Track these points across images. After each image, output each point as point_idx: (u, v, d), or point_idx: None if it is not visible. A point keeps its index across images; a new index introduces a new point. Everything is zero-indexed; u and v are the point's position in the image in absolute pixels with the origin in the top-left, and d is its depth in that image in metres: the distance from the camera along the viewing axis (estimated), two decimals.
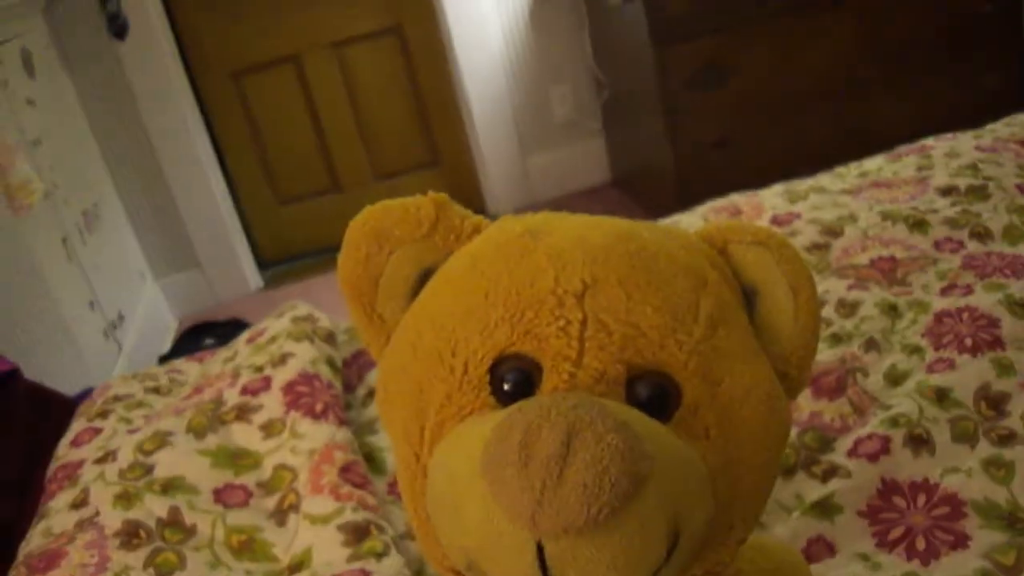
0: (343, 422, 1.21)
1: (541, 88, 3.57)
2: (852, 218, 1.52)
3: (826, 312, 1.30)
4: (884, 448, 1.01)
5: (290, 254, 3.77)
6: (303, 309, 1.44)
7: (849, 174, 1.76)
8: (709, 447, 0.54)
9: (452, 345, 0.57)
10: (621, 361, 0.54)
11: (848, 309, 1.29)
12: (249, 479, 1.15)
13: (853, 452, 1.02)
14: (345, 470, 1.10)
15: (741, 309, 0.60)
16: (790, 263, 0.61)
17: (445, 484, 0.52)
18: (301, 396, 1.23)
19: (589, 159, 3.67)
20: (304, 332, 1.35)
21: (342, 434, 1.18)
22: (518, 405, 0.51)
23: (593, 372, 0.54)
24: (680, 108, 2.95)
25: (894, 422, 1.04)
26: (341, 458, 1.12)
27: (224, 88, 3.54)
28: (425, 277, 0.63)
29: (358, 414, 1.32)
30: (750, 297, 0.61)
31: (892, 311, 1.27)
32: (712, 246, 0.62)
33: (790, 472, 1.02)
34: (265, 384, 1.26)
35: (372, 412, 1.32)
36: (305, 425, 1.19)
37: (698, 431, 0.54)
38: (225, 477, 1.14)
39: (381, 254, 0.63)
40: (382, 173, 3.68)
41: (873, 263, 1.40)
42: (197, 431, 1.20)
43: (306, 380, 1.25)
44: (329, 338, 1.39)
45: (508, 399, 0.55)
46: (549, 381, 0.54)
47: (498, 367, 0.55)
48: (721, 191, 1.76)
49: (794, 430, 1.08)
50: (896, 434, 1.02)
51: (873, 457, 1.01)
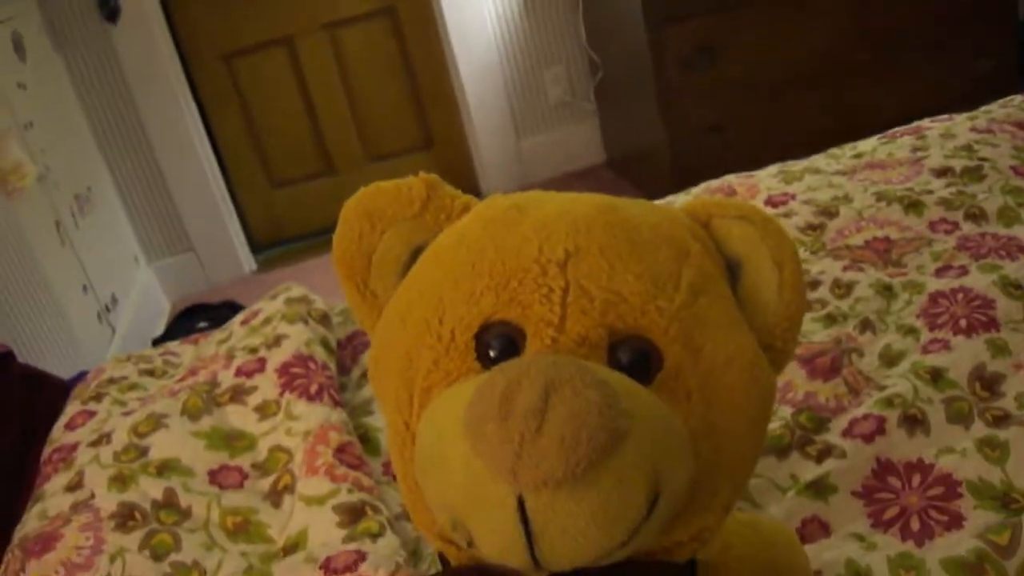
0: (338, 403, 1.21)
1: (535, 69, 3.56)
2: (847, 199, 1.52)
3: (821, 293, 1.30)
4: (879, 428, 1.01)
5: (283, 237, 3.76)
6: (297, 291, 1.44)
7: (843, 155, 1.75)
8: (691, 411, 0.55)
9: (440, 314, 0.58)
10: (603, 326, 0.55)
11: (843, 290, 1.29)
12: (244, 461, 1.15)
13: (848, 432, 1.02)
14: (340, 451, 1.10)
15: (724, 281, 0.61)
16: (774, 238, 0.61)
17: (431, 444, 0.53)
18: (296, 377, 1.22)
19: (583, 140, 3.67)
20: (298, 313, 1.35)
21: (337, 415, 1.17)
22: (500, 365, 0.52)
23: (575, 337, 0.55)
24: (674, 90, 2.94)
25: (889, 403, 1.04)
26: (336, 439, 1.12)
27: (216, 71, 3.52)
28: (416, 255, 0.64)
29: (353, 395, 1.32)
30: (734, 271, 0.62)
31: (887, 292, 1.27)
32: (696, 220, 0.63)
33: (784, 452, 1.02)
34: (260, 365, 1.25)
35: (367, 393, 1.32)
36: (300, 406, 1.18)
37: (679, 395, 0.55)
38: (220, 459, 1.14)
39: (374, 233, 0.64)
40: (375, 155, 3.66)
41: (868, 244, 1.40)
42: (192, 413, 1.20)
43: (301, 361, 1.24)
44: (324, 319, 1.39)
45: (493, 364, 0.56)
46: (532, 346, 0.55)
47: (484, 334, 0.56)
48: (715, 173, 1.75)
49: (788, 410, 1.08)
50: (891, 414, 1.03)
51: (868, 437, 1.01)
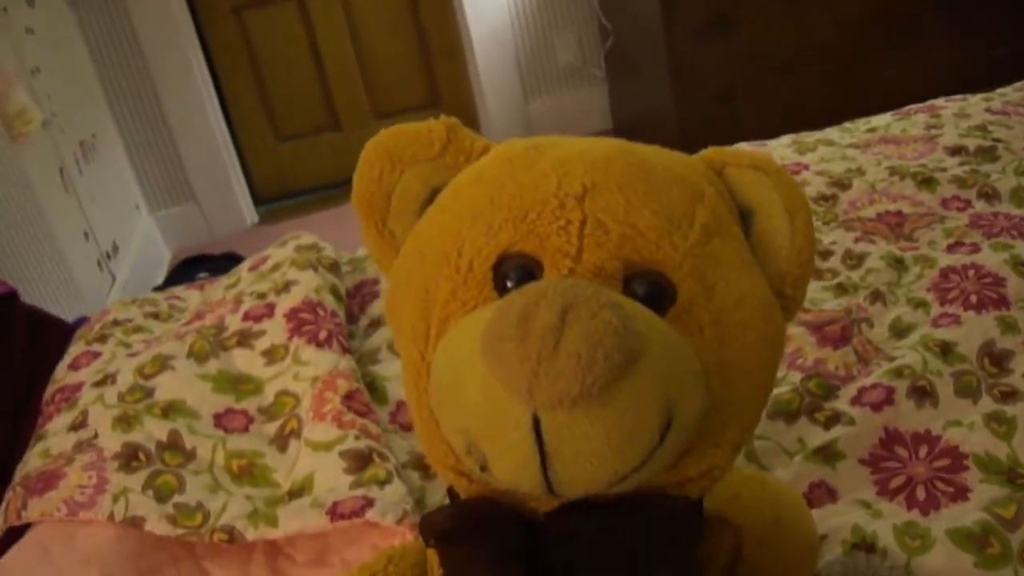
0: (347, 350, 1.20)
1: (546, 33, 3.54)
2: (860, 172, 1.52)
3: (832, 263, 1.31)
4: (888, 398, 1.02)
5: (287, 191, 3.75)
6: (307, 238, 1.43)
7: (857, 129, 1.76)
8: (703, 343, 0.56)
9: (458, 246, 0.58)
10: (618, 258, 0.56)
11: (855, 261, 1.30)
12: (250, 404, 1.15)
13: (857, 400, 1.03)
14: (348, 398, 1.10)
15: (737, 226, 0.61)
16: (786, 187, 0.62)
17: (447, 368, 0.54)
18: (304, 323, 1.22)
19: (591, 106, 3.65)
20: (308, 260, 1.34)
21: (346, 362, 1.17)
22: (519, 288, 0.52)
23: (591, 267, 0.55)
24: (685, 58, 2.92)
25: (898, 373, 1.04)
26: (344, 386, 1.12)
27: (226, 22, 3.50)
28: (434, 195, 0.65)
29: (361, 344, 1.32)
30: (746, 218, 0.62)
31: (898, 264, 1.27)
32: (710, 167, 0.63)
33: (793, 417, 1.03)
34: (268, 310, 1.25)
35: (375, 342, 1.31)
36: (308, 352, 1.18)
37: (692, 328, 0.56)
38: (226, 402, 1.14)
39: (394, 173, 0.65)
40: (382, 112, 3.65)
41: (880, 217, 1.40)
42: (198, 356, 1.19)
43: (310, 307, 1.24)
44: (333, 267, 1.38)
45: None
46: (549, 276, 0.56)
47: (501, 265, 0.57)
48: (723, 143, 1.70)
49: (798, 375, 1.08)
50: (900, 385, 1.03)
51: (876, 406, 1.01)
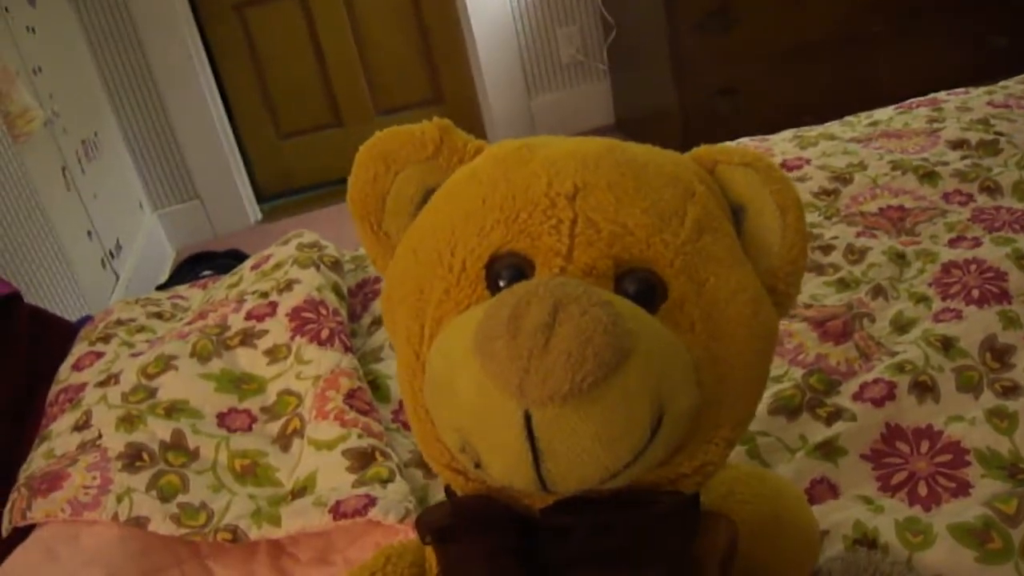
0: (349, 349, 1.20)
1: (548, 27, 3.54)
2: (862, 166, 1.52)
3: (834, 257, 1.31)
4: (889, 394, 1.01)
5: (290, 188, 3.75)
6: (309, 236, 1.43)
7: (859, 123, 1.76)
8: (694, 340, 0.56)
9: (451, 246, 0.59)
10: (609, 256, 0.56)
11: (856, 256, 1.30)
12: (253, 404, 1.14)
13: (858, 396, 1.02)
14: (351, 396, 1.10)
15: (728, 223, 0.62)
16: (778, 183, 0.62)
17: (441, 367, 0.54)
18: (307, 322, 1.22)
19: (594, 101, 3.65)
20: (310, 259, 1.34)
21: (348, 361, 1.17)
22: (510, 287, 0.53)
23: (582, 266, 0.56)
24: (688, 53, 2.92)
25: (900, 368, 1.04)
26: (347, 384, 1.11)
27: (227, 19, 3.50)
28: (428, 196, 0.66)
29: (363, 342, 1.32)
30: (737, 215, 0.63)
31: (900, 259, 1.27)
32: (701, 166, 0.64)
33: (795, 413, 1.03)
34: (271, 310, 1.25)
35: (377, 341, 1.31)
36: (311, 351, 1.18)
37: (684, 324, 0.56)
38: (229, 402, 1.14)
39: (388, 175, 0.66)
40: (385, 108, 3.65)
41: (882, 211, 1.40)
42: (201, 355, 1.19)
43: (312, 306, 1.24)
44: (335, 266, 1.38)
45: None
46: (541, 275, 0.56)
47: (493, 264, 0.58)
48: (726, 137, 1.74)
49: (799, 371, 1.08)
50: (901, 380, 1.03)
51: (878, 402, 1.01)
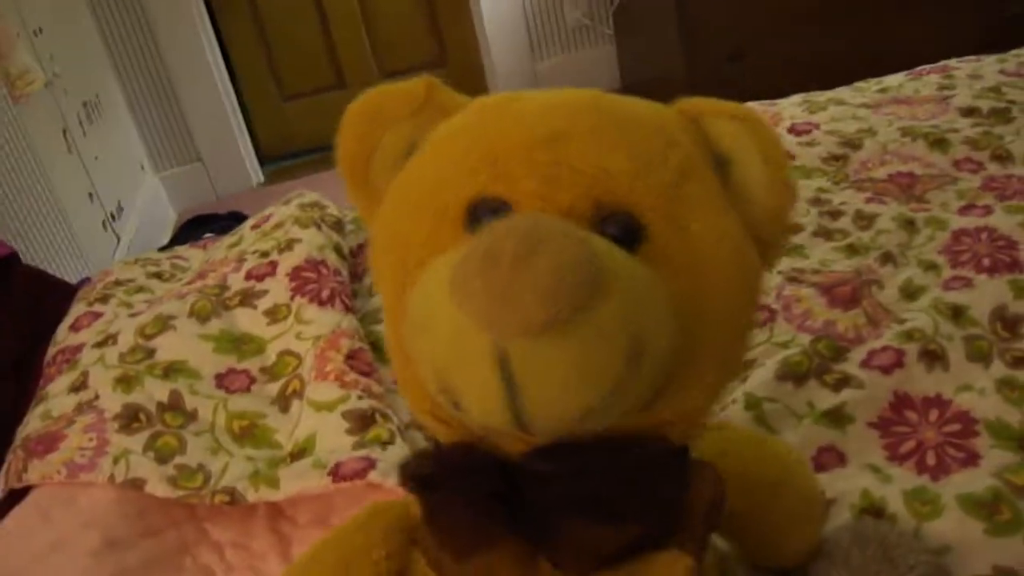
0: (349, 309, 1.19)
1: None
2: (871, 132, 1.51)
3: (843, 223, 1.30)
4: (898, 361, 1.00)
5: (292, 150, 3.74)
6: (311, 196, 1.42)
7: (869, 89, 1.74)
8: (675, 282, 0.55)
9: (433, 192, 0.59)
10: (589, 198, 0.55)
11: (865, 222, 1.28)
12: (252, 364, 1.13)
13: (867, 363, 1.01)
14: (351, 357, 1.09)
15: (711, 173, 0.61)
16: (762, 134, 0.62)
17: (420, 308, 0.54)
18: (307, 282, 1.21)
19: (599, 65, 3.63)
20: (311, 218, 1.33)
21: (348, 321, 1.16)
22: (487, 225, 0.53)
23: (563, 208, 0.55)
24: (695, 16, 2.89)
25: (909, 336, 1.03)
26: (347, 345, 1.10)
27: None
28: (414, 151, 0.66)
29: (364, 303, 1.30)
30: (723, 167, 0.62)
31: (909, 226, 1.25)
32: (686, 117, 0.63)
33: (802, 379, 1.01)
34: (271, 269, 1.24)
35: (379, 301, 1.30)
36: (311, 311, 1.17)
37: (665, 268, 0.55)
38: (228, 362, 1.13)
39: (375, 132, 0.66)
40: (388, 71, 3.63)
41: (891, 178, 1.38)
42: (200, 315, 1.18)
43: (313, 266, 1.23)
44: (337, 226, 1.37)
45: None
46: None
47: (474, 208, 0.57)
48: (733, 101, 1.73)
49: (807, 337, 1.07)
50: (911, 348, 1.01)
51: (887, 370, 0.99)
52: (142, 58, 3.33)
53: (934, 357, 1.00)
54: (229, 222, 2.88)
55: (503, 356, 0.49)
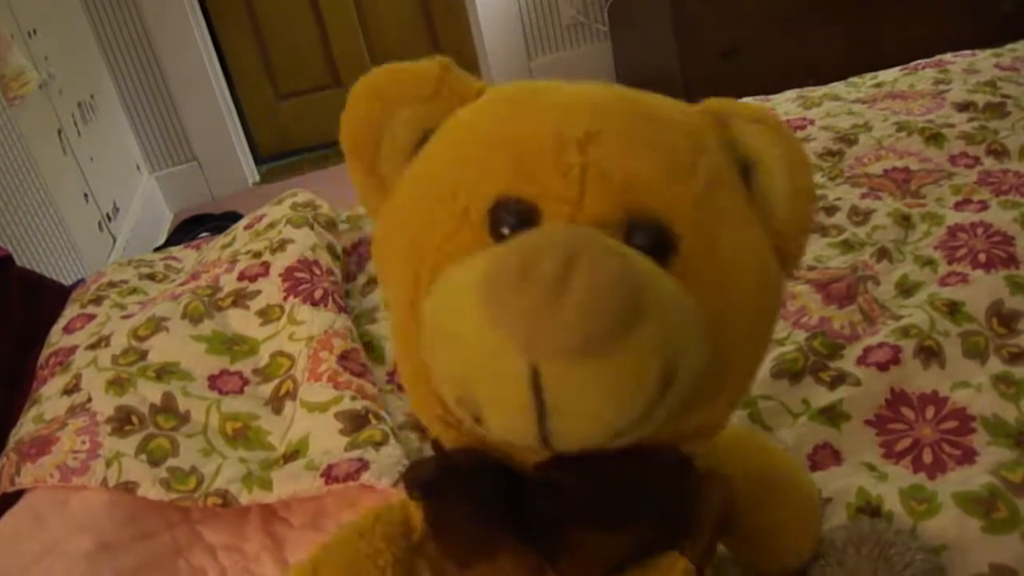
0: (343, 309, 1.18)
1: None
2: (867, 127, 1.51)
3: (838, 219, 1.29)
4: (894, 358, 1.00)
5: (288, 149, 3.73)
6: (304, 196, 1.41)
7: (864, 84, 1.74)
8: (704, 297, 0.54)
9: (453, 190, 0.56)
10: (620, 206, 0.54)
11: (860, 217, 1.28)
12: (245, 366, 1.13)
13: (863, 360, 1.01)
14: (344, 358, 1.08)
15: (738, 179, 0.60)
16: (788, 142, 0.60)
17: (442, 315, 0.52)
18: (300, 282, 1.20)
19: (594, 62, 3.62)
20: (304, 218, 1.32)
21: (341, 321, 1.15)
22: (518, 236, 0.51)
23: (592, 216, 0.53)
24: (690, 13, 2.89)
25: (905, 332, 1.02)
26: (340, 345, 1.10)
27: None
28: (427, 137, 0.62)
29: (358, 303, 1.30)
30: (747, 172, 0.61)
31: (905, 222, 1.25)
32: (712, 119, 0.61)
33: (798, 376, 1.01)
34: (263, 270, 1.23)
35: (372, 301, 1.30)
36: (304, 311, 1.16)
37: (693, 281, 0.54)
38: (220, 363, 1.12)
39: (384, 114, 0.63)
40: None
41: (887, 173, 1.38)
42: (193, 317, 1.18)
43: (305, 266, 1.22)
44: (330, 225, 1.36)
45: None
46: (547, 223, 0.54)
47: (498, 210, 0.55)
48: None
49: (803, 334, 1.07)
50: (907, 345, 1.01)
51: (883, 366, 0.99)
52: (137, 58, 3.32)
53: (931, 353, 1.00)
54: (225, 222, 2.87)
55: (535, 375, 0.47)
